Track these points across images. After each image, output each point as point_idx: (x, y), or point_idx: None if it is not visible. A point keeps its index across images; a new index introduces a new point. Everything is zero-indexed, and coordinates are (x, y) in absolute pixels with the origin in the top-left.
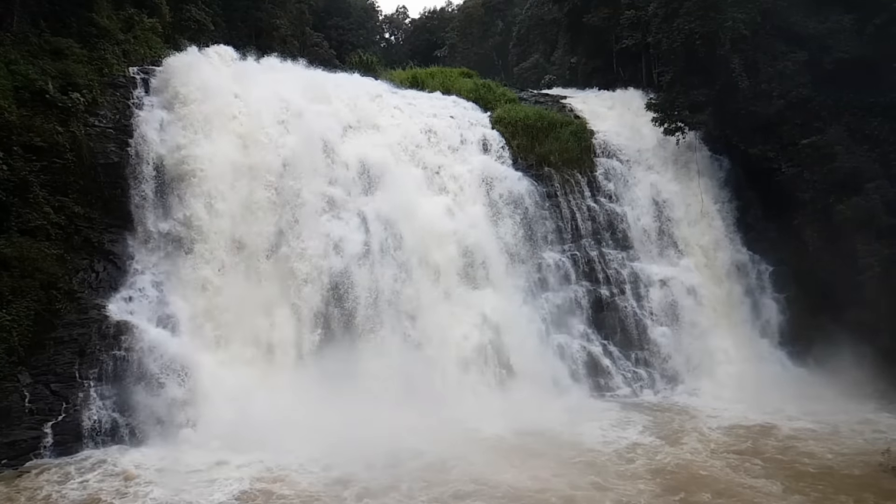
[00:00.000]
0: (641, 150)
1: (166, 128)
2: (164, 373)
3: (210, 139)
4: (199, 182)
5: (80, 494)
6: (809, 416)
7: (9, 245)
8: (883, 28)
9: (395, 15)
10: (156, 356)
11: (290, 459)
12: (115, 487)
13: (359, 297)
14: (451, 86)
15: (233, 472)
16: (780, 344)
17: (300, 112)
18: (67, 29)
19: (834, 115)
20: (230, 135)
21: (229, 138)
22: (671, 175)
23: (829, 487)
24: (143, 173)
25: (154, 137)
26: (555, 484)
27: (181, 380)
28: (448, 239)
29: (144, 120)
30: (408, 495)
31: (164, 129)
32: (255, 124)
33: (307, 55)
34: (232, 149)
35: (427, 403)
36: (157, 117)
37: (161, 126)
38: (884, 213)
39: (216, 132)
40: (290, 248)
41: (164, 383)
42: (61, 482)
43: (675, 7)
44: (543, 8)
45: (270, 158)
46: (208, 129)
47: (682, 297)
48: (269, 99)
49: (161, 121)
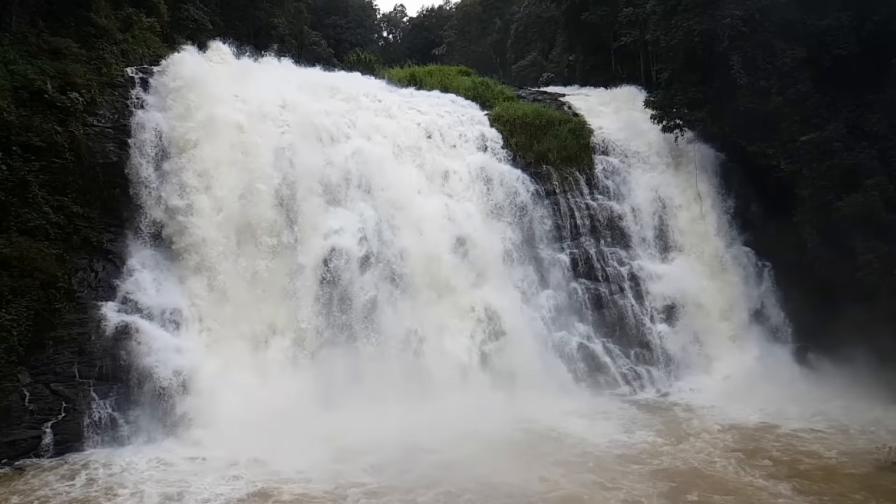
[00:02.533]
0: (640, 148)
1: (165, 127)
2: (163, 372)
3: (209, 138)
4: (198, 181)
5: (78, 494)
6: (810, 414)
7: (8, 245)
8: (881, 25)
9: (393, 13)
10: (155, 355)
11: (291, 460)
12: (114, 487)
13: (358, 296)
14: (450, 84)
15: (232, 472)
16: (779, 341)
17: (299, 110)
18: (66, 29)
19: (833, 111)
20: (229, 133)
21: (228, 137)
22: (670, 173)
23: (836, 487)
24: (141, 172)
25: (153, 137)
26: (564, 485)
27: (181, 379)
28: (446, 237)
29: (143, 119)
30: (413, 497)
31: (163, 128)
32: (254, 122)
33: (305, 54)
34: (231, 147)
35: (427, 403)
36: (155, 116)
37: (159, 125)
38: (883, 210)
39: (215, 131)
40: (289, 246)
41: (163, 383)
42: (61, 481)
43: (673, 4)
44: (541, 6)
45: (269, 156)
46: (207, 128)
47: (680, 294)
48: (268, 97)
49: (159, 120)
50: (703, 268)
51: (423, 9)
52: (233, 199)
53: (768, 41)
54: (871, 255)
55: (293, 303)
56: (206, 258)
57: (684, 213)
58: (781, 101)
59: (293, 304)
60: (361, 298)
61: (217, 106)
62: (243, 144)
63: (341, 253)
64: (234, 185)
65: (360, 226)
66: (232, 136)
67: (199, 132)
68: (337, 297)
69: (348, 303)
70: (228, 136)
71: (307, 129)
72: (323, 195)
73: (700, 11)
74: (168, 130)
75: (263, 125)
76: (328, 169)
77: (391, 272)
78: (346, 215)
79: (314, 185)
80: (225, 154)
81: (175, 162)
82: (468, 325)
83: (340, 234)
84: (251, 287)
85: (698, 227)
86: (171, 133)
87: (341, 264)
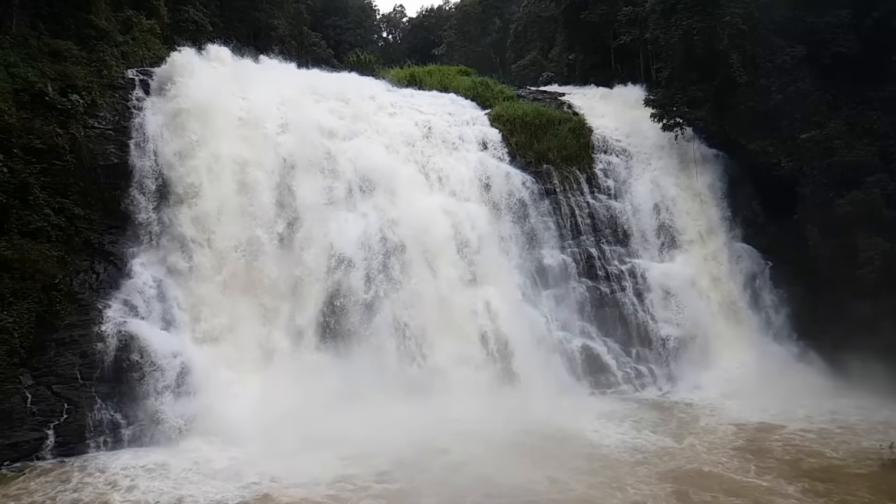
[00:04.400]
0: (640, 147)
1: (165, 128)
2: (165, 373)
3: (209, 139)
4: (198, 182)
5: (79, 495)
6: (814, 413)
7: (9, 247)
8: (881, 22)
9: (393, 14)
10: (157, 357)
11: (293, 464)
12: (115, 489)
13: (359, 295)
14: (449, 84)
15: (233, 476)
16: (780, 339)
17: (299, 111)
18: (66, 31)
19: (833, 109)
20: (229, 134)
21: (228, 138)
22: (670, 171)
23: (844, 488)
24: (142, 174)
25: (153, 138)
26: (574, 486)
27: (182, 380)
28: (447, 237)
29: (143, 121)
30: (419, 501)
31: (164, 130)
32: (254, 124)
33: (305, 55)
34: (231, 148)
35: (428, 403)
36: (156, 118)
37: (160, 127)
38: (884, 207)
39: (215, 132)
40: (290, 247)
41: (165, 384)
42: (62, 483)
43: (672, 3)
44: (541, 5)
45: (270, 158)
46: (207, 129)
47: (681, 292)
48: (268, 98)
49: (160, 122)
50: (703, 266)
51: (423, 9)
52: (233, 200)
53: (768, 39)
54: (873, 253)
55: (296, 305)
56: (206, 259)
57: (685, 212)
58: (781, 98)
59: (294, 304)
60: (363, 300)
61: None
62: (243, 144)
63: (342, 254)
64: (234, 185)
65: (360, 227)
66: (232, 136)
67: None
68: (339, 299)
69: (350, 305)
70: (228, 137)
71: (307, 130)
72: (323, 195)
73: (699, 10)
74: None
75: (263, 125)
76: (328, 169)
77: (392, 273)
78: (345, 215)
79: (314, 185)
80: (225, 154)
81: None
82: (469, 325)
83: (341, 234)
84: (252, 287)
85: (699, 226)
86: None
87: (343, 266)
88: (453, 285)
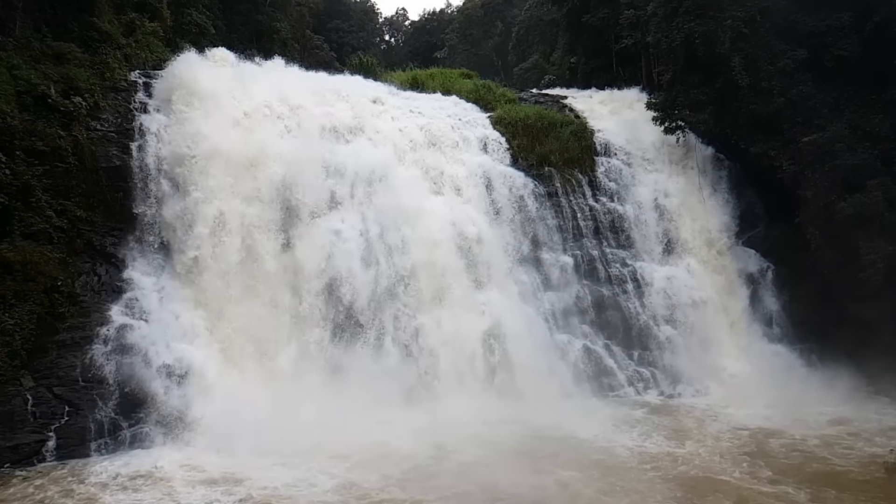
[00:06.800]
0: (642, 150)
1: (168, 131)
2: (166, 376)
3: (211, 141)
4: (200, 184)
5: (79, 498)
6: (816, 417)
7: (11, 249)
8: (882, 25)
9: (395, 17)
10: (158, 359)
11: (295, 467)
12: (115, 491)
13: (360, 298)
14: (451, 87)
15: (232, 481)
16: (783, 343)
17: (301, 114)
18: (69, 34)
19: (835, 112)
20: (231, 137)
21: (230, 140)
22: (672, 174)
23: (850, 495)
24: (144, 176)
25: (155, 140)
26: (582, 490)
27: (184, 383)
28: (449, 239)
29: (146, 123)
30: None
31: (166, 132)
32: (256, 126)
33: (308, 58)
34: (233, 151)
35: (431, 408)
36: (158, 121)
37: (162, 129)
38: (886, 211)
39: (217, 134)
40: (291, 249)
41: (166, 386)
42: (62, 484)
43: (674, 6)
44: (542, 8)
45: (272, 160)
46: (209, 132)
47: (684, 296)
48: (270, 101)
49: (162, 124)
50: (705, 269)
51: (425, 12)
52: (235, 202)
53: (769, 42)
54: (875, 256)
55: (295, 304)
56: (208, 260)
57: (687, 215)
58: (783, 102)
59: (295, 306)
60: (365, 302)
61: (219, 109)
62: (245, 147)
63: (344, 257)
64: (236, 187)
65: (362, 229)
66: (234, 138)
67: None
68: (338, 299)
69: (352, 307)
70: (230, 139)
71: (309, 132)
72: (325, 197)
73: (701, 13)
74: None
75: (265, 127)
76: (330, 171)
77: (393, 275)
78: (347, 217)
79: (316, 187)
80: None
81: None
82: (470, 327)
83: (342, 237)
84: (254, 289)
85: (700, 229)
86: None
87: (344, 268)
88: (454, 288)
